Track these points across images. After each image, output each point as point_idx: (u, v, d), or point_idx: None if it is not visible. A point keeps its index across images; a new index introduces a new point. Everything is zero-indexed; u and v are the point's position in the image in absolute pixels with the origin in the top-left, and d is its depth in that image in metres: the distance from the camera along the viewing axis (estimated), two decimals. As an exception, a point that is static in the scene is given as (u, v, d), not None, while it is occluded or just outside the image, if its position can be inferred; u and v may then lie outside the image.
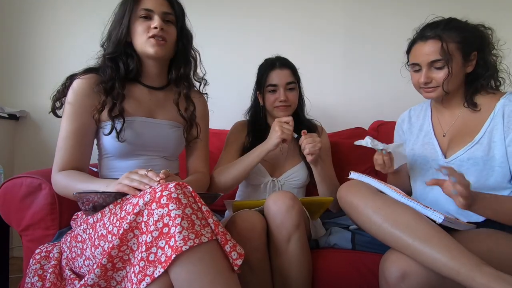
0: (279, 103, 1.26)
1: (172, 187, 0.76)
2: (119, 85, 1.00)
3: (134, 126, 1.02)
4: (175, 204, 0.74)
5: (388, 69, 1.80)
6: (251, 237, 0.92)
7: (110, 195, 0.85)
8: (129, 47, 1.02)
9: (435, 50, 0.99)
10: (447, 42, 0.98)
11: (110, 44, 1.01)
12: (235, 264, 0.78)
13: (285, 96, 1.25)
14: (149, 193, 0.77)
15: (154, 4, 0.99)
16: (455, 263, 0.75)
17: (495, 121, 0.99)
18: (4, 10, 1.92)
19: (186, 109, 1.11)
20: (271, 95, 1.27)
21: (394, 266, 0.85)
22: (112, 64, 1.01)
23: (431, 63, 1.01)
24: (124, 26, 0.99)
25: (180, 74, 1.08)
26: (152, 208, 0.74)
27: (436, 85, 1.02)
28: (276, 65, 1.28)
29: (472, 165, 0.99)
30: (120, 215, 0.79)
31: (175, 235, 0.71)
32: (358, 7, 1.87)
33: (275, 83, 1.26)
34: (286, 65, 1.30)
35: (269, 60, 1.33)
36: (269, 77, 1.27)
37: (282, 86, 1.26)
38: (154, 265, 0.72)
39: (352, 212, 0.95)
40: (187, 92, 1.09)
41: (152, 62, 1.05)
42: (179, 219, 0.72)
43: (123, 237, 0.76)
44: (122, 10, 1.01)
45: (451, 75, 0.99)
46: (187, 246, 0.70)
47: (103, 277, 0.77)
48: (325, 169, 1.23)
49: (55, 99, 1.02)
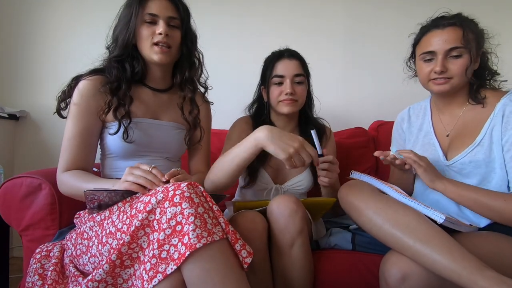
0: (284, 96, 1.16)
1: (185, 186, 0.77)
2: (126, 86, 1.00)
3: (140, 127, 1.03)
4: (188, 203, 0.75)
5: (388, 69, 1.81)
6: (252, 237, 0.92)
7: (118, 193, 0.86)
8: (135, 50, 1.02)
9: (456, 37, 0.96)
10: (467, 31, 0.96)
11: (117, 47, 1.01)
12: (244, 262, 0.79)
13: (291, 89, 1.14)
14: (161, 192, 0.78)
15: (159, 9, 0.98)
16: (457, 265, 0.74)
17: (495, 121, 0.97)
18: (4, 10, 1.92)
19: (190, 113, 1.11)
20: (277, 87, 1.17)
21: (394, 268, 0.84)
22: (118, 66, 1.01)
23: (449, 50, 0.97)
24: (131, 29, 0.98)
25: (185, 78, 1.08)
26: (165, 206, 0.76)
27: (450, 76, 0.99)
28: (284, 55, 1.19)
29: (474, 168, 0.97)
30: (130, 213, 0.80)
31: (189, 233, 0.72)
32: (359, 7, 1.87)
33: (282, 74, 1.16)
34: (295, 56, 1.20)
35: (276, 51, 1.24)
36: (276, 68, 1.18)
37: (289, 78, 1.16)
38: (166, 262, 0.73)
39: (353, 212, 0.95)
40: (192, 96, 1.10)
41: (156, 66, 1.06)
42: (192, 218, 0.74)
43: (134, 234, 0.77)
44: (128, 13, 1.00)
45: (472, 63, 0.96)
46: (200, 243, 0.71)
47: (110, 274, 0.78)
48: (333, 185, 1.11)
49: (60, 100, 1.02)
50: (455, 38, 0.97)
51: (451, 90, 1.02)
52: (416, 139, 1.15)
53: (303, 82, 1.20)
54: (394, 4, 1.85)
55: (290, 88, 1.15)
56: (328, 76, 1.88)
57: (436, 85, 1.02)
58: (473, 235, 0.90)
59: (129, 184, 0.84)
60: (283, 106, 1.19)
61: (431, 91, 1.07)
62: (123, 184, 0.85)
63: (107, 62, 1.03)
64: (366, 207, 0.90)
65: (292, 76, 1.16)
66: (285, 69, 1.16)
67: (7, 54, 1.92)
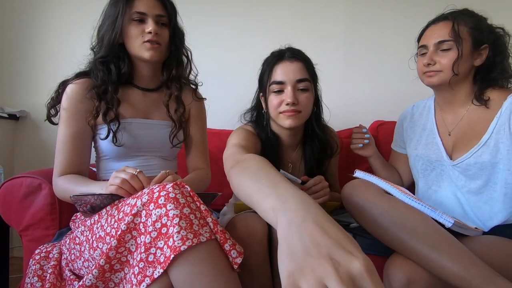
0: (285, 107, 0.97)
1: (170, 187, 0.76)
2: (112, 88, 0.99)
3: (129, 128, 1.02)
4: (173, 204, 0.73)
5: (388, 69, 1.81)
6: (251, 241, 0.88)
7: (106, 197, 0.85)
8: (121, 50, 1.00)
9: (445, 31, 0.96)
10: (459, 24, 0.95)
11: (103, 47, 0.99)
12: (234, 262, 0.77)
13: (293, 97, 0.95)
14: (147, 194, 0.76)
15: (147, 7, 0.97)
16: (467, 273, 0.71)
17: (502, 120, 0.94)
18: (4, 10, 1.91)
19: (175, 111, 1.09)
20: (276, 96, 0.99)
21: (399, 272, 0.80)
22: (103, 68, 0.99)
23: (438, 43, 0.97)
24: (118, 28, 0.97)
25: (171, 75, 1.07)
26: (150, 208, 0.74)
27: (439, 69, 0.98)
28: (285, 56, 1.00)
29: (479, 169, 0.95)
30: (118, 216, 0.79)
31: (174, 235, 0.71)
32: (359, 7, 1.86)
33: (282, 80, 0.97)
34: (298, 57, 1.01)
35: (276, 51, 1.05)
36: (274, 72, 0.99)
37: (291, 84, 0.96)
38: (153, 266, 0.72)
39: (356, 213, 0.92)
40: (178, 94, 1.08)
41: (145, 65, 1.04)
42: (177, 219, 0.72)
43: (120, 238, 0.75)
44: (114, 12, 0.98)
45: (461, 57, 0.95)
46: (185, 246, 0.70)
47: (100, 279, 0.77)
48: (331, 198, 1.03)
49: (49, 107, 1.02)
50: (445, 31, 0.96)
51: (441, 84, 1.00)
52: (419, 138, 1.13)
53: (308, 89, 1.00)
54: (394, 5, 1.84)
55: (291, 97, 0.95)
56: (328, 76, 1.86)
57: (427, 77, 1.02)
58: (479, 239, 0.87)
59: (115, 188, 0.83)
60: (284, 119, 1.00)
61: (425, 84, 1.06)
62: (109, 188, 0.84)
63: (92, 64, 1.02)
64: (371, 208, 0.87)
65: (294, 82, 0.97)
66: (286, 74, 0.97)
67: (7, 54, 1.91)
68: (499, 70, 0.99)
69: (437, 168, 1.04)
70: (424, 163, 1.07)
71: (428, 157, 1.06)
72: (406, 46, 1.14)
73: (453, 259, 0.73)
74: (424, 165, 1.07)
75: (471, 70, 1.00)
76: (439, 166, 1.02)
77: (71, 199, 0.85)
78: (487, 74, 1.00)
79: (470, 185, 0.97)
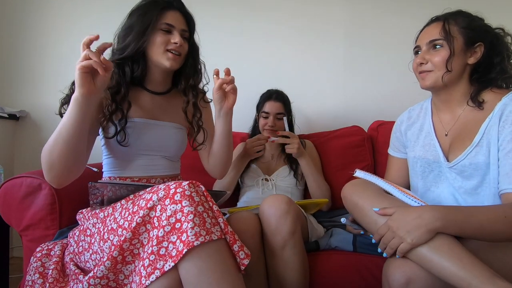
0: (268, 127, 1.50)
1: (186, 184, 0.78)
2: (125, 90, 1.02)
3: (137, 128, 1.04)
4: (188, 201, 0.76)
5: (388, 69, 1.81)
6: (244, 238, 0.90)
7: (121, 187, 0.87)
8: (139, 54, 1.03)
9: (436, 30, 0.97)
10: (449, 23, 0.96)
11: (125, 52, 1.01)
12: (242, 263, 0.80)
13: (273, 123, 1.51)
14: (163, 189, 0.79)
15: (176, 21, 1.04)
16: (467, 274, 0.71)
17: (493, 121, 0.93)
18: (4, 10, 1.92)
19: (193, 116, 1.14)
20: (263, 119, 1.54)
21: (398, 272, 0.80)
22: (119, 71, 1.02)
23: (430, 43, 0.98)
24: (147, 38, 1.00)
25: (189, 84, 1.13)
26: (165, 203, 0.76)
27: (431, 68, 0.98)
28: (272, 97, 1.54)
29: (474, 170, 0.94)
30: (132, 210, 0.81)
31: (187, 231, 0.73)
32: (359, 8, 1.87)
33: (268, 111, 1.52)
34: (280, 99, 1.54)
35: (268, 92, 1.59)
36: (265, 105, 1.54)
37: (273, 115, 1.51)
38: (164, 259, 0.74)
39: (356, 213, 0.92)
40: (195, 101, 1.14)
41: (160, 70, 1.08)
42: (192, 216, 0.74)
43: (135, 230, 0.78)
44: (144, 22, 1.00)
45: (453, 55, 0.95)
46: (198, 241, 0.72)
47: (112, 270, 0.79)
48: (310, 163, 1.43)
49: (63, 102, 1.02)
50: (436, 31, 0.97)
51: (435, 85, 1.00)
52: (416, 140, 1.13)
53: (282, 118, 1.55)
54: (394, 5, 1.85)
55: (272, 122, 1.51)
56: (329, 76, 1.88)
57: (421, 80, 1.02)
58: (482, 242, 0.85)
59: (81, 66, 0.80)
60: (265, 133, 1.54)
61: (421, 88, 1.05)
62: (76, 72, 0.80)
63: None
64: (371, 207, 0.87)
65: (275, 114, 1.52)
66: (270, 109, 1.53)
67: (7, 54, 1.92)
68: (497, 70, 0.99)
69: (435, 170, 1.03)
70: (423, 164, 1.07)
71: (426, 158, 1.06)
72: (406, 46, 1.14)
73: (453, 260, 0.73)
74: (422, 167, 1.07)
75: (465, 68, 1.00)
76: (437, 168, 1.02)
77: (88, 186, 0.85)
78: (485, 74, 0.99)
79: (466, 186, 0.97)
